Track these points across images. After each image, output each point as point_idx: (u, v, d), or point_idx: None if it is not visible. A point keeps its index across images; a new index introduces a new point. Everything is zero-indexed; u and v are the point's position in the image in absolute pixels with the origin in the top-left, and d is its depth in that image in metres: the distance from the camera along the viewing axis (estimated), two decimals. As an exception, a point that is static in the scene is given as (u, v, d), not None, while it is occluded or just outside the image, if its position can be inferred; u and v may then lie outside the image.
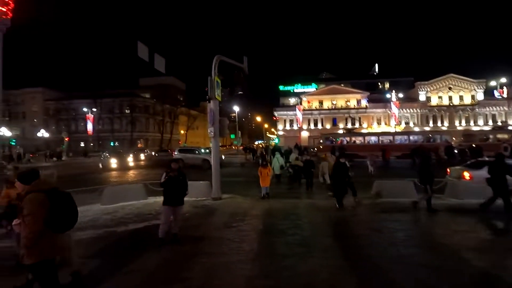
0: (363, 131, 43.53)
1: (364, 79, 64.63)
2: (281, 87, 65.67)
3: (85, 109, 50.50)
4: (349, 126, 49.24)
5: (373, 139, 29.22)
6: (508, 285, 3.85)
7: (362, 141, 29.10)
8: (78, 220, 2.92)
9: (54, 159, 37.24)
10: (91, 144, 55.00)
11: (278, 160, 13.30)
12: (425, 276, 4.00)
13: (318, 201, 9.27)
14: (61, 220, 2.72)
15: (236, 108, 52.69)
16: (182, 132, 67.73)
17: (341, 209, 7.99)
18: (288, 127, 59.84)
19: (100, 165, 25.43)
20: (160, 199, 7.97)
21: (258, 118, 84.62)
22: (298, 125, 55.03)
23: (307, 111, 57.34)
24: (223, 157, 23.25)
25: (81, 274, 3.84)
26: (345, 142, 28.94)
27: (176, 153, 23.47)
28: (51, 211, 2.64)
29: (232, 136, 52.50)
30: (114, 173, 20.93)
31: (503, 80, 52.69)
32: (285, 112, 60.09)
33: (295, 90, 63.49)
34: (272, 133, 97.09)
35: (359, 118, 52.91)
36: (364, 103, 56.68)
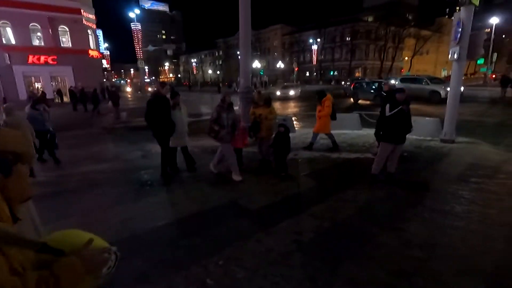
0: None
1: None
2: None
3: (310, 41, 54.69)
4: None
5: None
6: None
7: None
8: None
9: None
10: (314, 74, 60.48)
11: None
12: None
13: None
14: None
15: (494, 20, 37.40)
16: (406, 58, 58.65)
17: None
18: None
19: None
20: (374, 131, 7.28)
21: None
22: None
23: None
24: (461, 89, 17.96)
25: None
26: None
27: (397, 82, 20.74)
28: None
29: (480, 61, 38.89)
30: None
31: None
32: None
33: None
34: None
35: None
36: None
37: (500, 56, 46.08)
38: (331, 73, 59.31)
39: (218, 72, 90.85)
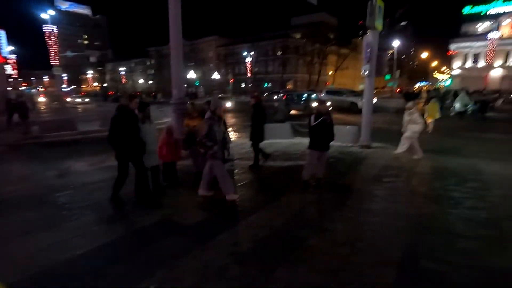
0: None
1: None
2: (466, 9, 48.83)
3: (245, 53, 56.47)
4: None
5: None
6: None
7: None
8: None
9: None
10: (249, 85, 62.36)
11: (463, 99, 15.72)
12: None
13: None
14: None
15: (395, 43, 44.47)
16: (330, 73, 65.09)
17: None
18: (469, 64, 45.74)
19: None
20: (305, 140, 7.85)
21: (424, 55, 69.15)
22: (487, 61, 40.99)
23: (505, 40, 41.18)
24: (375, 100, 20.72)
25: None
26: None
27: (323, 94, 22.82)
28: None
29: (387, 76, 45.70)
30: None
31: None
32: (467, 44, 45.48)
33: (491, 11, 45.60)
34: (442, 73, 78.16)
35: None
36: None
37: (403, 73, 54.93)
38: (266, 85, 61.95)
39: (150, 82, 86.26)
